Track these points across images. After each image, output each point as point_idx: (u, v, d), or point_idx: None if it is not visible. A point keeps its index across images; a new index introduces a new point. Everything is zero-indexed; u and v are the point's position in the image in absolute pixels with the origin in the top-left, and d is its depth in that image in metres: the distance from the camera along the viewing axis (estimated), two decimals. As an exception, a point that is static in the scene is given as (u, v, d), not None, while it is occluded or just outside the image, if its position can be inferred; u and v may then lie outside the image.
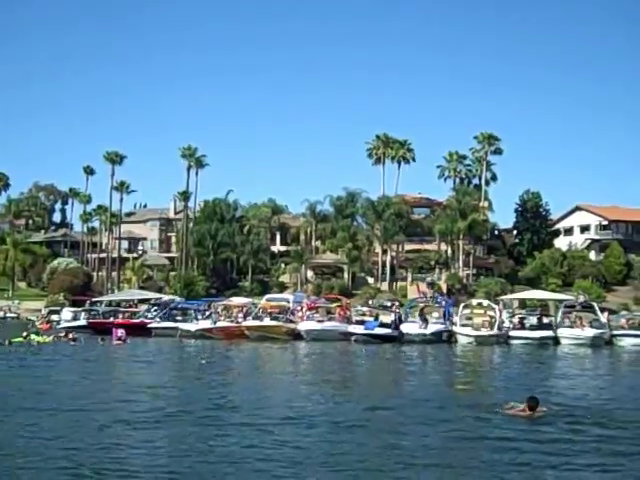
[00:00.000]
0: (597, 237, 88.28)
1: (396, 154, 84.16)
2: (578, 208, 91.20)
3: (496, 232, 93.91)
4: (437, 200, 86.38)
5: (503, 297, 61.49)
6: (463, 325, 38.51)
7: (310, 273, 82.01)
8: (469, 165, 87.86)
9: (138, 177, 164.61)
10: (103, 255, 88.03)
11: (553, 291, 73.77)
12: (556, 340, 38.06)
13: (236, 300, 46.82)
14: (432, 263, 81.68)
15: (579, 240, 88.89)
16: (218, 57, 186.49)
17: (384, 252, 79.79)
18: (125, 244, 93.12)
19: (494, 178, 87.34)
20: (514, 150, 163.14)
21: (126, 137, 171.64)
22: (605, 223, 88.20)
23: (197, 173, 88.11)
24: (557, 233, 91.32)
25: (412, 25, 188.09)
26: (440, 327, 38.79)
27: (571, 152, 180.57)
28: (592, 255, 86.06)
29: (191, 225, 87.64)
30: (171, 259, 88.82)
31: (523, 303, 65.78)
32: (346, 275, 79.76)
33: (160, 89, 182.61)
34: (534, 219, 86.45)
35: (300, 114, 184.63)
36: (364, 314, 41.65)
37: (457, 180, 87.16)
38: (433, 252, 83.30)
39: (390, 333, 38.09)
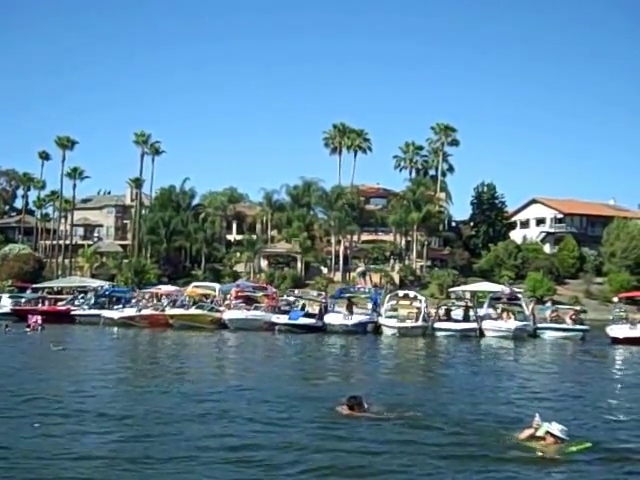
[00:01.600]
0: (552, 230, 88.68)
1: (352, 144, 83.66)
2: (534, 201, 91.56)
3: (453, 224, 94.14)
4: (395, 191, 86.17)
5: (453, 289, 61.67)
6: (388, 316, 38.25)
7: (265, 262, 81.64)
8: (426, 156, 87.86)
9: (102, 164, 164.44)
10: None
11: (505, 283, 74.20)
12: (481, 332, 37.95)
13: (164, 288, 46.36)
14: (387, 254, 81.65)
15: (535, 233, 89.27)
16: (176, 46, 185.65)
17: (337, 242, 79.54)
18: (81, 231, 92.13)
19: (451, 169, 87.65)
20: (472, 142, 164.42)
21: (88, 123, 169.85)
22: (560, 216, 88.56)
23: (153, 160, 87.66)
24: (513, 225, 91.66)
25: (368, 14, 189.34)
26: (364, 318, 38.51)
27: (529, 145, 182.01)
28: (547, 248, 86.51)
29: (146, 212, 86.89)
30: (125, 247, 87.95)
31: (474, 295, 66.08)
32: (299, 265, 79.47)
33: (124, 76, 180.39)
34: (490, 211, 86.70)
35: (262, 103, 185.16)
36: (289, 304, 41.27)
37: (413, 171, 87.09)
38: (388, 243, 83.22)
39: (314, 323, 37.77)
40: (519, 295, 41.70)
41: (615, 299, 42.76)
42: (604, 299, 75.77)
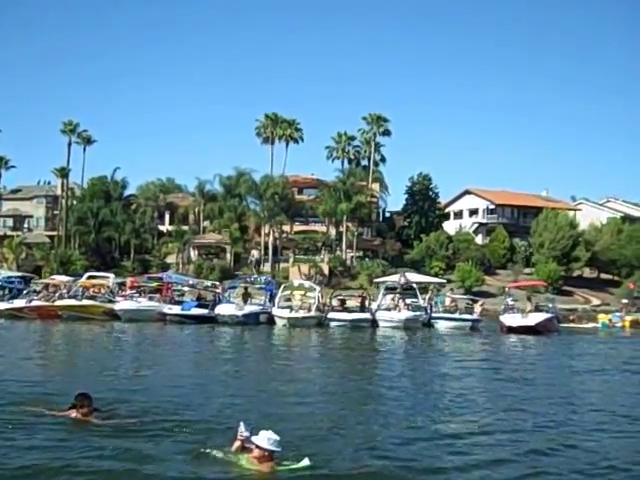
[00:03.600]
0: (484, 221, 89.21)
1: (284, 133, 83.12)
2: (468, 192, 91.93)
3: (388, 214, 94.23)
4: (328, 182, 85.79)
5: (378, 279, 61.58)
6: (281, 307, 37.88)
7: (195, 253, 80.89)
8: (358, 146, 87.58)
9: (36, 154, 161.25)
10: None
11: (436, 274, 74.41)
12: (375, 322, 37.83)
13: (58, 278, 45.47)
14: (319, 245, 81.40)
15: (468, 224, 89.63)
16: (108, 35, 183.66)
17: (267, 233, 79.03)
18: (10, 222, 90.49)
19: (383, 160, 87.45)
20: (407, 133, 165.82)
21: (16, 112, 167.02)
22: (492, 207, 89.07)
23: (84, 149, 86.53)
24: (447, 216, 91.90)
25: (298, 6, 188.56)
26: (256, 309, 38.10)
27: (464, 136, 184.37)
28: (479, 239, 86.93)
29: (75, 203, 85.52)
30: (53, 237, 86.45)
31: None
32: (228, 256, 78.82)
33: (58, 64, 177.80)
34: (423, 202, 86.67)
35: (199, 92, 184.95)
36: (182, 294, 40.69)
37: (346, 161, 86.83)
38: (320, 234, 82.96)
39: (206, 314, 37.28)
40: (413, 285, 41.57)
41: (506, 288, 42.86)
42: (532, 290, 76.57)
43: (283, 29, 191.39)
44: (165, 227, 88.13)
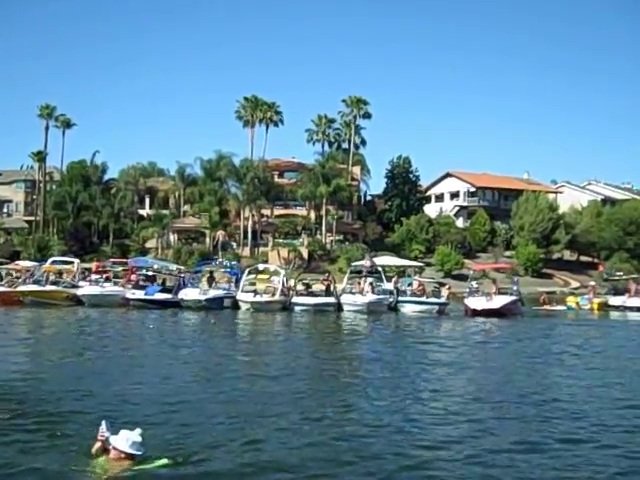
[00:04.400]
0: (465, 204, 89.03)
1: (264, 116, 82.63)
2: (449, 175, 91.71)
3: (369, 197, 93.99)
4: (309, 165, 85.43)
5: (356, 263, 61.34)
6: (245, 291, 37.60)
7: (175, 237, 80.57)
8: (338, 129, 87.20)
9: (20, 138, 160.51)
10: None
11: (416, 257, 74.33)
12: (340, 306, 37.62)
13: (22, 263, 45.12)
14: (299, 229, 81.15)
15: (449, 207, 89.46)
16: (90, 22, 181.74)
17: (246, 217, 78.70)
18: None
19: (364, 143, 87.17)
20: (388, 116, 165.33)
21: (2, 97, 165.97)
22: (473, 190, 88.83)
23: (64, 133, 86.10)
24: (428, 199, 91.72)
25: None
26: (220, 293, 37.82)
27: (445, 119, 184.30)
28: (460, 222, 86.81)
29: (55, 187, 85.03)
30: (32, 222, 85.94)
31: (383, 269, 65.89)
32: (208, 240, 78.53)
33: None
34: (403, 185, 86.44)
35: (180, 77, 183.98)
36: (147, 278, 40.28)
37: (326, 144, 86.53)
38: (300, 217, 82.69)
39: (170, 299, 36.98)
40: (379, 268, 41.35)
41: (471, 271, 42.73)
42: (511, 272, 76.54)
43: (263, 13, 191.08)
44: (145, 211, 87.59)
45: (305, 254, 75.27)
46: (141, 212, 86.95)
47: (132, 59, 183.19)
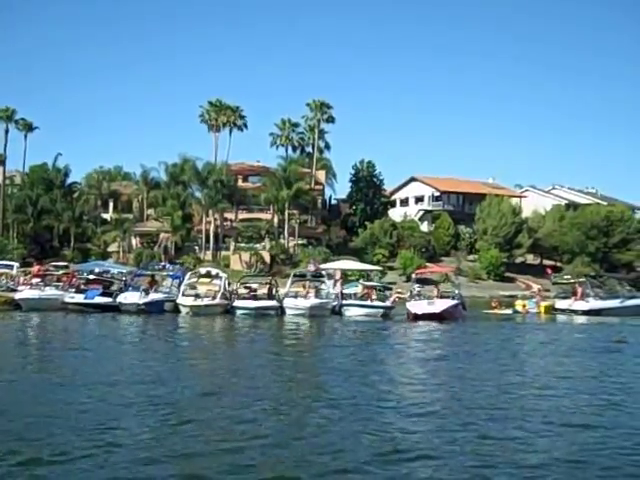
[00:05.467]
0: (430, 208, 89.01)
1: (228, 120, 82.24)
2: (413, 179, 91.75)
3: (335, 202, 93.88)
4: (273, 169, 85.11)
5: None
6: (185, 295, 37.19)
7: (137, 241, 79.97)
8: (302, 133, 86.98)
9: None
10: None
11: (379, 261, 74.34)
12: (283, 310, 37.33)
13: (-36, 268, 44.38)
14: (262, 233, 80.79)
15: (414, 211, 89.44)
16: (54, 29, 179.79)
17: (208, 221, 78.26)
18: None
19: (328, 147, 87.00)
20: (354, 120, 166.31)
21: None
22: (437, 194, 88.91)
23: (26, 137, 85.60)
24: (393, 204, 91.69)
25: None
26: (160, 296, 37.38)
27: (411, 124, 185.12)
28: (425, 226, 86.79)
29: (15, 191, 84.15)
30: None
31: (344, 274, 65.70)
32: (169, 244, 77.97)
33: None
34: (368, 189, 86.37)
35: (147, 81, 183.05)
36: (88, 282, 39.71)
37: (290, 148, 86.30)
38: (264, 221, 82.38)
39: (110, 302, 36.49)
40: (323, 272, 41.12)
41: (413, 275, 42.56)
42: (474, 276, 76.66)
43: (227, 18, 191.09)
44: (109, 215, 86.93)
45: (267, 258, 74.94)
46: (104, 216, 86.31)
47: (97, 63, 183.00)
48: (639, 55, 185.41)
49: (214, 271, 40.00)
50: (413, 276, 42.45)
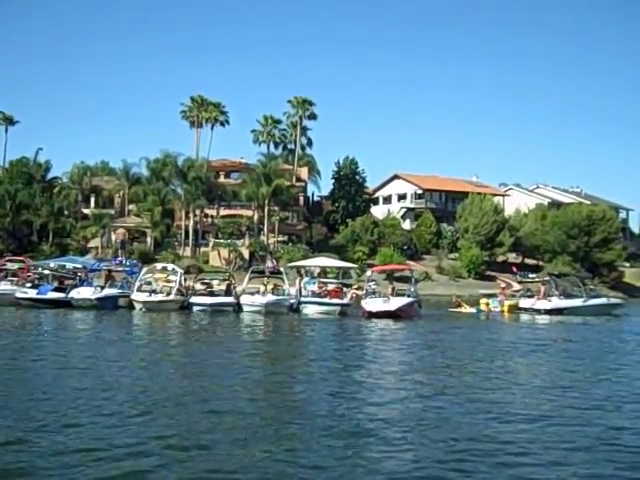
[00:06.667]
0: (412, 206, 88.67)
1: (210, 116, 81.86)
2: (396, 177, 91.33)
3: (317, 198, 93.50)
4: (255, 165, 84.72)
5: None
6: (140, 290, 36.75)
7: (115, 237, 79.45)
8: (284, 130, 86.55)
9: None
10: None
11: (359, 259, 73.93)
12: (240, 307, 36.95)
13: None
14: (243, 229, 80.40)
15: (396, 208, 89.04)
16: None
17: (187, 217, 77.87)
18: None
19: (310, 143, 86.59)
20: (337, 117, 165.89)
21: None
22: (420, 192, 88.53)
23: (6, 130, 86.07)
24: (375, 201, 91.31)
25: None
26: (113, 292, 36.99)
27: (395, 121, 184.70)
28: (407, 224, 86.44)
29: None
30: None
31: (324, 270, 65.29)
32: (149, 239, 77.57)
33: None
34: (350, 186, 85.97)
35: (131, 77, 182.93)
36: (41, 277, 39.36)
37: (272, 145, 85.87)
38: (245, 218, 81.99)
39: (62, 298, 36.10)
40: (281, 269, 40.72)
41: (368, 272, 42.12)
42: (454, 275, 76.34)
43: (210, 15, 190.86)
44: (90, 210, 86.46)
45: (246, 255, 74.61)
46: (86, 211, 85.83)
47: (81, 59, 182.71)
48: (628, 53, 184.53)
49: (170, 266, 39.62)
50: (368, 273, 42.05)
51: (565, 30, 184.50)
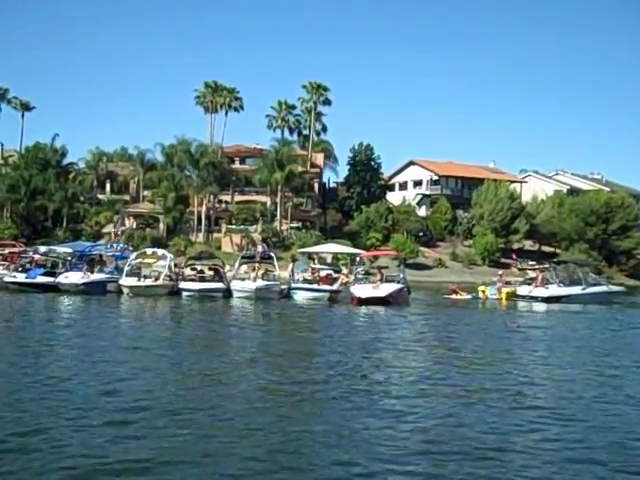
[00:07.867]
0: (428, 192, 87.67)
1: (224, 102, 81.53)
2: (412, 163, 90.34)
3: (333, 184, 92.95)
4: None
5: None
6: (129, 275, 36.56)
7: (130, 222, 79.77)
8: (299, 115, 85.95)
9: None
10: None
11: (373, 245, 73.35)
12: (230, 292, 36.63)
13: None
14: (257, 215, 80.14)
15: (412, 195, 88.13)
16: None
17: (200, 203, 77.77)
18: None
19: (325, 129, 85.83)
20: (355, 103, 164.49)
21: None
22: (436, 178, 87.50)
23: (23, 116, 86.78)
24: (391, 187, 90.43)
25: None
26: (101, 277, 36.82)
27: (415, 107, 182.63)
28: (423, 210, 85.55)
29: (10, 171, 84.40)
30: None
31: (336, 257, 64.93)
32: (162, 225, 77.67)
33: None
34: (365, 172, 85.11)
35: (146, 64, 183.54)
36: (32, 261, 39.33)
37: (286, 130, 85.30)
38: (259, 204, 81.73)
39: (51, 282, 36.03)
40: (272, 254, 40.25)
41: (358, 258, 41.54)
42: (468, 262, 75.33)
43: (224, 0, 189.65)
44: (106, 196, 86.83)
45: (258, 241, 74.25)
46: (101, 197, 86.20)
47: (97, 46, 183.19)
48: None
49: (160, 251, 39.38)
50: (358, 259, 41.50)
51: (580, 15, 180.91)
